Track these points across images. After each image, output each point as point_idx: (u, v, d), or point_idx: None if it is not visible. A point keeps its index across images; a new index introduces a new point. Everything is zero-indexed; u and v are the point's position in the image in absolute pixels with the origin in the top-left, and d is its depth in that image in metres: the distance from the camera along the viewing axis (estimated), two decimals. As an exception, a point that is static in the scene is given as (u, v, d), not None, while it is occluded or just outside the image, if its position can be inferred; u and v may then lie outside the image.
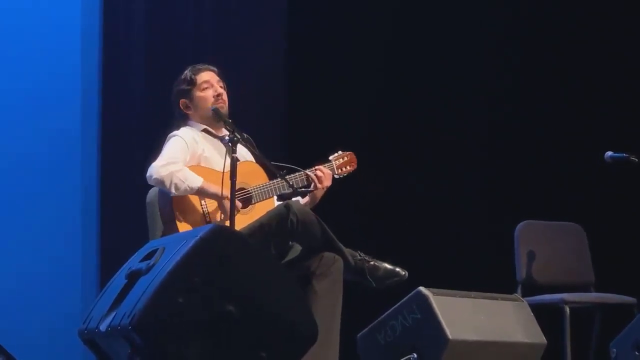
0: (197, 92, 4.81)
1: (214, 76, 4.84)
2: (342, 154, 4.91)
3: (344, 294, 4.45)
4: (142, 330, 3.41)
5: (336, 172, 4.85)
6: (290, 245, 4.49)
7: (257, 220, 4.47)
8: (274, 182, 4.67)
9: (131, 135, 6.24)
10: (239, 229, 4.33)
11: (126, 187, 5.98)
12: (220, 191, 4.51)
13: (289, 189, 4.59)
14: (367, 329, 4.56)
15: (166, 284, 3.45)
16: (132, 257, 3.85)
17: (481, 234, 6.67)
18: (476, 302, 4.54)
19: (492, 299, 4.65)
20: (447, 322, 4.29)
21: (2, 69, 6.02)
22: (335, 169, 4.85)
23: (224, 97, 4.81)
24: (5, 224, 5.93)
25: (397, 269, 4.52)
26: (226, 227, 4.20)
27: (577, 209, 6.43)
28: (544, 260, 5.99)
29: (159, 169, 4.52)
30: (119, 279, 3.76)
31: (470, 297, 4.54)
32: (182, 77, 4.85)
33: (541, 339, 4.66)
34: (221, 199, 4.52)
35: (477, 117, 6.92)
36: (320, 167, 4.76)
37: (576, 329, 5.60)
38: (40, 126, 6.03)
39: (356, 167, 4.93)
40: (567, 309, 5.58)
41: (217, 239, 3.61)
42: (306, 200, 4.74)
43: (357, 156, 4.95)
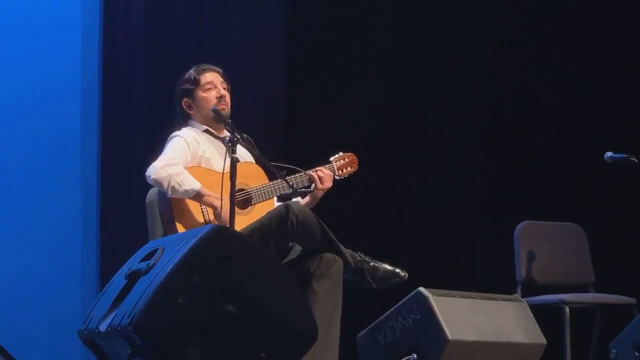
0: (200, 93, 4.80)
1: (217, 77, 4.83)
2: (343, 155, 4.90)
3: (343, 294, 4.45)
4: (142, 330, 3.41)
5: (337, 173, 4.84)
6: (290, 245, 4.49)
7: (257, 220, 4.46)
8: (274, 183, 4.66)
9: (131, 135, 6.24)
10: (238, 229, 4.32)
11: (126, 187, 5.98)
12: (217, 196, 4.49)
13: (289, 190, 4.59)
14: (366, 329, 4.55)
15: (166, 284, 3.46)
16: (132, 258, 3.85)
17: (481, 234, 6.67)
18: (476, 302, 4.54)
19: (492, 299, 4.65)
20: (447, 322, 4.29)
21: (3, 69, 6.03)
22: (336, 170, 4.84)
23: (226, 99, 4.79)
24: (5, 224, 5.93)
25: (397, 270, 4.51)
26: (226, 227, 4.20)
27: (577, 209, 6.43)
28: (544, 260, 5.98)
29: (158, 170, 4.52)
30: (119, 279, 3.76)
31: (470, 297, 4.54)
32: (185, 77, 4.84)
33: (541, 340, 4.66)
34: (218, 205, 4.50)
35: (477, 118, 6.92)
36: (320, 168, 4.76)
37: (576, 330, 5.60)
38: (40, 126, 6.03)
39: (357, 168, 4.92)
40: (567, 310, 5.57)
41: (217, 239, 3.61)
42: (306, 200, 4.74)
43: (357, 156, 4.95)
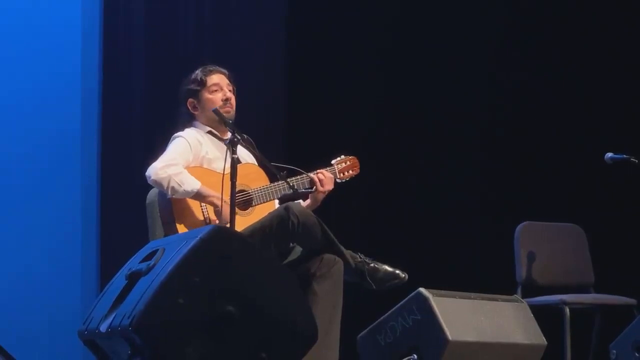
0: (206, 94, 4.79)
1: (224, 79, 4.83)
2: (344, 158, 4.90)
3: (344, 295, 4.45)
4: (143, 331, 3.41)
5: (338, 176, 4.83)
6: (291, 246, 4.49)
7: (258, 221, 4.47)
8: (275, 184, 4.66)
9: (131, 135, 6.24)
10: (239, 230, 4.32)
11: (126, 187, 5.97)
12: (218, 197, 4.49)
13: (290, 190, 4.59)
14: (367, 329, 4.55)
15: (166, 285, 3.46)
16: (132, 258, 3.85)
17: (481, 235, 6.67)
18: (476, 303, 4.54)
19: (492, 300, 4.65)
20: (447, 323, 4.29)
21: (3, 69, 6.02)
22: (337, 173, 4.83)
23: (232, 102, 4.79)
24: (5, 224, 5.93)
25: (397, 271, 4.51)
26: (226, 227, 4.20)
27: (577, 209, 6.43)
28: (544, 261, 5.98)
29: (157, 171, 4.52)
30: (119, 279, 3.76)
31: (470, 298, 4.54)
32: (192, 77, 4.83)
33: (541, 340, 4.66)
34: (218, 206, 4.51)
35: (477, 118, 6.92)
36: (322, 170, 4.75)
37: (576, 330, 5.60)
38: (40, 126, 6.03)
39: (359, 171, 4.92)
40: (567, 310, 5.57)
41: (217, 240, 3.61)
42: (307, 203, 4.73)
43: (357, 157, 4.94)
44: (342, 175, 4.86)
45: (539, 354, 4.66)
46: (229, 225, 4.23)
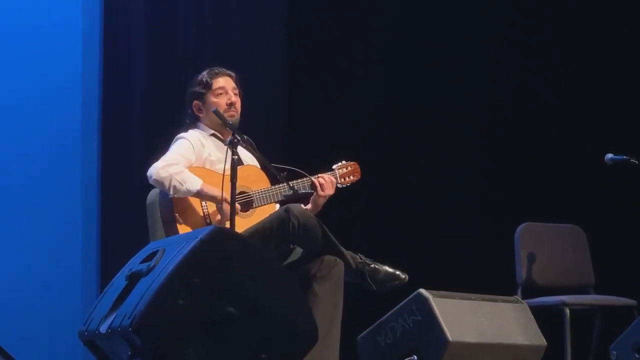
0: (211, 97, 4.79)
1: (230, 82, 4.82)
2: (345, 163, 4.90)
3: (344, 295, 4.45)
4: (143, 331, 3.41)
5: (339, 181, 4.83)
6: (291, 248, 4.49)
7: (258, 223, 4.47)
8: (276, 187, 4.66)
9: (131, 135, 6.24)
10: (239, 232, 4.32)
11: (126, 187, 5.98)
12: (219, 194, 4.50)
13: (290, 191, 4.59)
14: (367, 330, 4.54)
15: (166, 286, 3.46)
16: (132, 259, 3.85)
17: (481, 236, 6.67)
18: (476, 304, 4.53)
19: (493, 301, 4.64)
20: (447, 324, 4.28)
21: (3, 69, 6.02)
22: (338, 178, 4.83)
23: (236, 106, 4.78)
24: (5, 224, 5.93)
25: (398, 272, 4.52)
26: (227, 228, 4.20)
27: (578, 210, 6.42)
28: (544, 262, 5.98)
29: (159, 170, 4.53)
30: (119, 280, 3.76)
31: (470, 299, 4.53)
32: (198, 78, 4.83)
33: (541, 341, 4.66)
34: (220, 202, 4.52)
35: (477, 118, 6.91)
36: (323, 175, 4.75)
37: (576, 331, 5.60)
38: (40, 126, 6.03)
39: (360, 177, 4.91)
40: (568, 311, 5.57)
41: (218, 241, 3.61)
42: (308, 207, 4.73)
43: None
44: (343, 180, 4.85)
45: (539, 355, 4.65)
46: (229, 224, 4.23)
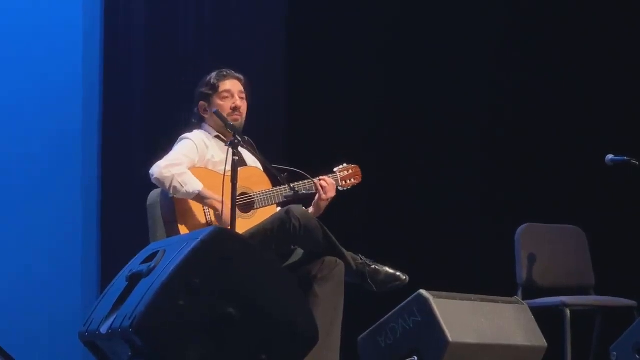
0: (217, 100, 4.79)
1: (237, 86, 4.82)
2: (347, 166, 4.90)
3: (345, 296, 4.45)
4: (143, 332, 3.41)
5: (340, 184, 4.83)
6: (292, 249, 4.49)
7: (259, 224, 4.47)
8: (277, 188, 4.66)
9: (131, 135, 6.24)
10: (240, 233, 4.32)
11: (126, 188, 5.98)
12: (218, 199, 4.49)
13: (290, 192, 4.59)
14: (367, 331, 4.54)
15: (167, 286, 3.46)
16: (132, 260, 3.85)
17: (482, 237, 6.67)
18: (477, 304, 4.54)
19: (493, 301, 4.64)
20: (448, 324, 4.28)
21: (3, 69, 6.02)
22: (339, 181, 4.84)
23: (241, 110, 4.78)
24: (5, 224, 5.93)
25: (398, 273, 4.52)
26: (227, 229, 4.20)
27: (578, 211, 6.42)
28: (544, 262, 5.98)
29: (161, 170, 4.53)
30: (120, 281, 3.76)
31: (470, 299, 4.53)
32: (206, 79, 4.83)
33: (542, 342, 4.66)
34: (219, 207, 4.50)
35: (477, 118, 6.91)
36: (324, 177, 4.75)
37: (577, 332, 5.59)
38: (40, 126, 6.03)
39: (361, 180, 4.91)
40: (568, 312, 5.56)
41: (218, 241, 3.61)
42: (310, 210, 4.72)
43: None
44: (344, 183, 4.86)
45: (539, 356, 4.65)
46: (229, 227, 4.23)
